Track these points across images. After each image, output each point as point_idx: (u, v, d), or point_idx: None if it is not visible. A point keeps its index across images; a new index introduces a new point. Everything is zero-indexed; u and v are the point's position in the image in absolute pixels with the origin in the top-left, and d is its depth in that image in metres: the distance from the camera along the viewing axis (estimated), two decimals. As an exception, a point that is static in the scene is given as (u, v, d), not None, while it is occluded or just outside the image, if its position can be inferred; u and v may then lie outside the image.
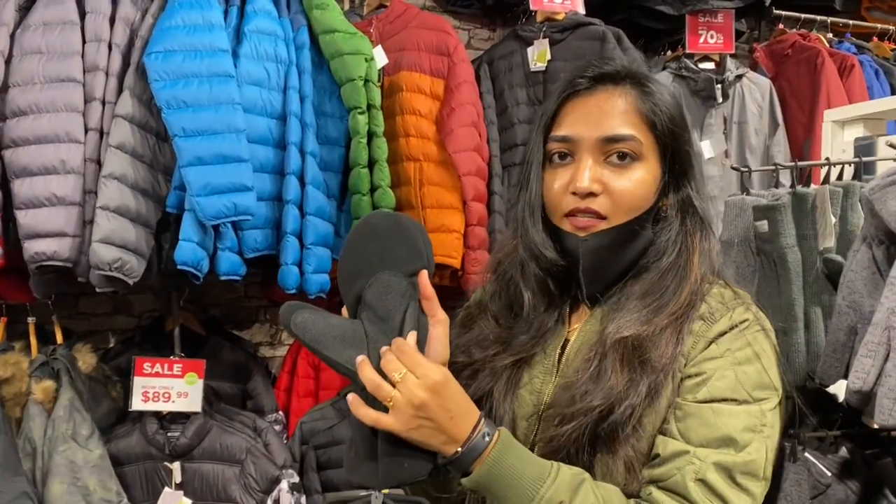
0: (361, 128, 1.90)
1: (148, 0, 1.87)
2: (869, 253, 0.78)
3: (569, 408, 0.82)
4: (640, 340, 0.82)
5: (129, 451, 2.02)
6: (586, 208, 0.85)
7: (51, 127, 1.70)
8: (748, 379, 0.81)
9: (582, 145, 0.87)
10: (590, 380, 0.82)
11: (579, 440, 0.81)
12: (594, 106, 0.88)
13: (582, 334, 0.90)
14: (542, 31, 2.29)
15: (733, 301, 0.86)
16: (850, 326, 0.83)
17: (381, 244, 0.83)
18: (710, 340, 0.83)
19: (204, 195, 1.68)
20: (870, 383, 0.71)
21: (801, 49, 2.62)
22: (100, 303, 2.47)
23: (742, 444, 0.78)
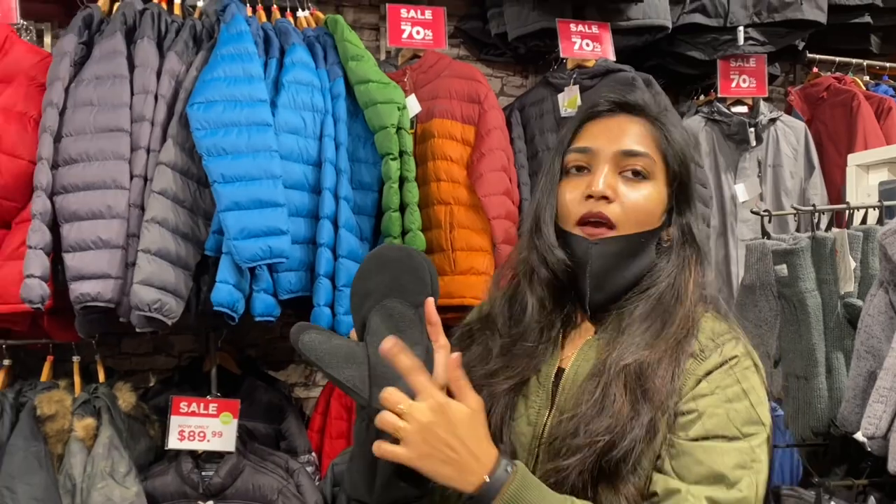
0: (394, 173, 1.95)
1: (192, 54, 1.97)
2: (886, 297, 0.78)
3: (574, 439, 0.83)
4: (642, 368, 0.84)
5: (164, 490, 2.05)
6: (599, 213, 0.89)
7: (99, 174, 1.78)
8: (738, 416, 0.83)
9: (600, 156, 0.92)
10: (594, 409, 0.84)
11: (584, 473, 0.82)
12: (614, 125, 0.94)
13: (577, 364, 0.92)
14: (573, 77, 2.34)
15: (724, 336, 0.89)
16: (870, 372, 0.81)
17: (390, 274, 0.87)
18: (700, 378, 0.85)
19: (241, 239, 1.73)
20: (882, 429, 0.70)
21: (837, 92, 2.61)
22: (141, 343, 2.55)
23: (733, 481, 0.81)
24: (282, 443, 2.37)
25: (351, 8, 2.71)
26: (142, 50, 1.89)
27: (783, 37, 2.60)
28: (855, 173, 1.17)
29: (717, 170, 2.51)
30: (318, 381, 2.72)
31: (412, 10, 2.26)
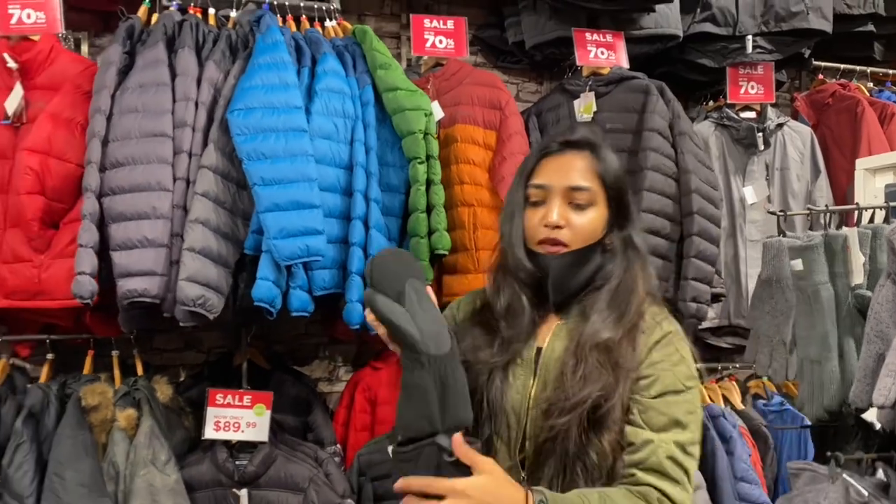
0: (421, 176, 2.05)
1: (229, 63, 2.07)
2: (893, 288, 0.88)
3: (566, 402, 1.08)
4: (611, 345, 1.11)
5: (200, 478, 2.14)
6: (554, 238, 1.17)
7: (144, 177, 1.88)
8: (682, 374, 1.12)
9: (553, 191, 1.19)
10: (579, 379, 1.09)
11: (575, 428, 1.07)
12: (564, 162, 1.21)
13: (552, 344, 1.19)
14: (588, 84, 2.43)
15: (659, 315, 1.18)
16: (879, 354, 0.91)
17: (399, 263, 1.14)
18: (650, 349, 1.13)
19: (280, 238, 1.83)
20: (891, 399, 0.80)
21: (842, 98, 2.71)
22: (172, 339, 2.64)
23: (686, 424, 1.09)
24: (309, 434, 2.46)
25: (373, 17, 2.82)
26: (183, 59, 1.99)
27: (790, 45, 2.69)
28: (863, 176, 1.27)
29: (726, 173, 2.61)
30: (342, 376, 2.82)
31: (435, 21, 2.36)
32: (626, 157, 2.34)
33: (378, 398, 2.52)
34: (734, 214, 2.57)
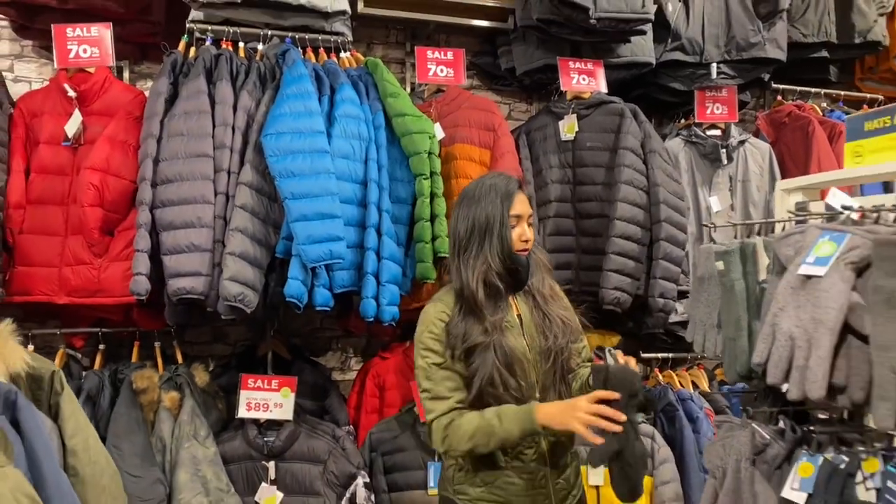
0: (426, 190, 2.37)
1: (260, 92, 2.39)
2: (777, 280, 1.20)
3: (556, 345, 1.70)
4: (567, 306, 1.79)
5: (233, 452, 2.44)
6: (525, 247, 1.73)
7: (190, 192, 2.20)
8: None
9: (522, 218, 1.74)
10: (557, 327, 1.71)
11: (566, 353, 1.70)
12: (522, 198, 1.76)
13: (523, 311, 1.76)
14: (572, 107, 2.77)
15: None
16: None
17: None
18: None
19: (308, 244, 2.15)
20: (764, 357, 1.12)
21: (796, 118, 3.04)
22: (203, 333, 2.96)
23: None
24: (325, 416, 2.77)
25: (380, 45, 3.14)
26: (221, 90, 2.32)
27: (750, 71, 3.03)
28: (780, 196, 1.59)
29: (694, 185, 2.94)
30: (353, 365, 3.14)
31: (437, 52, 2.69)
32: (604, 172, 2.68)
33: (386, 384, 2.84)
34: (701, 221, 2.90)
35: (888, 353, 0.96)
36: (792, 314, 1.07)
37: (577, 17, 2.64)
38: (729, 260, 1.34)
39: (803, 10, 3.08)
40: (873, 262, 0.99)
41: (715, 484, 1.37)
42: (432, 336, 1.71)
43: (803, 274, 1.08)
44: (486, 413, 1.62)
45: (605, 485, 2.66)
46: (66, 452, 1.37)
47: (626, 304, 2.57)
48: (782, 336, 1.07)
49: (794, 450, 1.28)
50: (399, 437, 2.62)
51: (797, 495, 1.17)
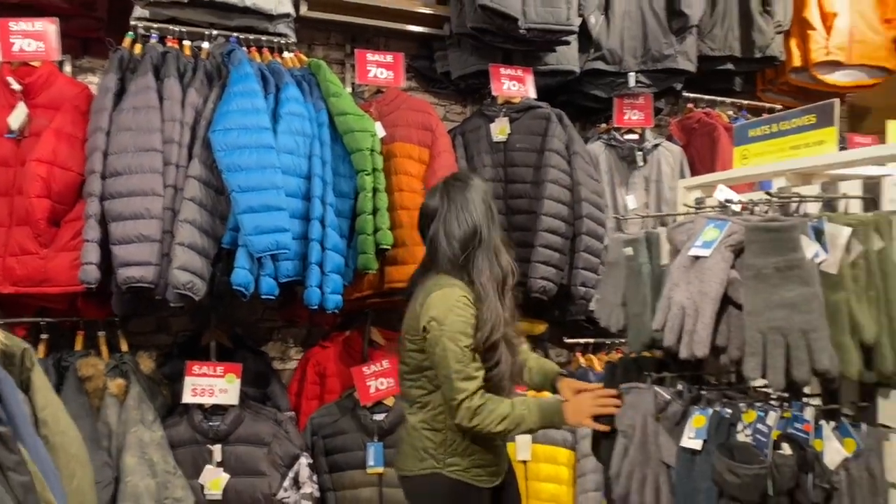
0: (368, 185, 2.52)
1: (207, 89, 2.48)
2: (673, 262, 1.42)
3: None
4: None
5: (178, 437, 2.52)
6: None
7: (139, 184, 2.28)
8: None
9: None
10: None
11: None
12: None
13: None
14: (503, 111, 2.97)
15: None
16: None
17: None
18: None
19: (255, 234, 2.26)
20: (661, 325, 1.33)
21: (704, 124, 3.34)
22: (145, 323, 3.01)
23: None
24: (267, 403, 2.87)
25: (321, 46, 3.26)
26: (169, 86, 2.40)
27: (664, 81, 3.30)
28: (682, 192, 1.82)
29: (612, 184, 3.19)
30: (293, 355, 3.24)
31: (377, 55, 2.83)
32: (533, 171, 2.90)
33: (327, 371, 2.97)
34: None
35: (756, 318, 1.18)
36: (683, 288, 1.28)
37: (508, 27, 2.84)
38: (636, 247, 1.56)
39: (711, 26, 3.37)
40: (746, 245, 1.21)
41: (626, 442, 1.58)
42: (464, 320, 1.80)
43: (692, 255, 1.29)
44: (517, 403, 1.81)
45: (532, 460, 2.88)
46: (37, 423, 1.46)
47: (551, 292, 2.79)
48: (675, 306, 1.28)
49: (690, 407, 1.50)
50: (339, 421, 2.76)
51: (693, 442, 1.38)
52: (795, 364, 1.14)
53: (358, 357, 2.97)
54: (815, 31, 3.48)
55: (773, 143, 1.56)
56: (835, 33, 3.48)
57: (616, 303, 1.63)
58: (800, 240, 1.16)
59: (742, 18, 3.41)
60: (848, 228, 1.18)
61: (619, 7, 3.18)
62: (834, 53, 3.49)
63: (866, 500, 1.20)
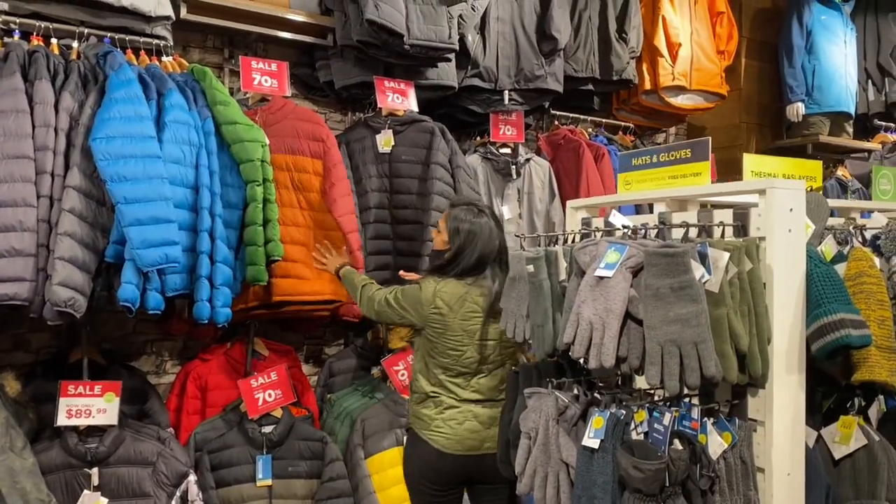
0: (258, 196, 2.49)
1: (83, 94, 2.34)
2: (577, 280, 1.58)
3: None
4: None
5: (49, 463, 2.36)
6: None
7: (9, 194, 2.12)
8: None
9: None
10: None
11: None
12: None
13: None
14: (388, 123, 3.05)
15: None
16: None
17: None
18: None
19: (143, 248, 2.17)
20: (571, 339, 1.49)
21: (569, 140, 3.60)
22: (1, 341, 2.78)
23: None
24: (145, 420, 2.75)
25: (197, 49, 3.16)
26: (40, 89, 2.24)
27: (535, 99, 3.53)
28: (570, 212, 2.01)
29: (490, 195, 3.37)
30: (168, 369, 3.12)
31: (261, 63, 2.81)
32: (418, 183, 3.00)
33: (209, 385, 2.90)
34: (495, 227, 3.35)
35: (655, 332, 1.35)
36: (591, 305, 1.44)
37: (393, 42, 2.92)
38: (538, 264, 1.70)
39: (575, 49, 3.65)
40: (645, 267, 1.38)
41: (529, 443, 1.72)
42: None
43: (597, 275, 1.45)
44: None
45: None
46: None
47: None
48: (584, 322, 1.43)
49: (587, 410, 1.67)
50: (225, 436, 2.71)
51: (593, 441, 1.54)
52: (688, 371, 1.33)
53: (241, 369, 2.93)
54: (662, 58, 3.86)
55: (654, 172, 1.77)
56: (679, 61, 3.89)
57: (520, 314, 1.76)
58: (690, 263, 1.35)
59: (601, 43, 3.71)
60: (726, 253, 1.39)
61: (495, 28, 3.36)
62: (678, 79, 3.89)
63: (741, 483, 1.41)
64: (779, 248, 1.46)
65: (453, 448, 2.31)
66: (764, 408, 1.48)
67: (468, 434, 2.31)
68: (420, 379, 2.39)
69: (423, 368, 2.39)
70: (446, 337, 2.31)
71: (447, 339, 2.31)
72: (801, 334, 1.49)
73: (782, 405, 1.46)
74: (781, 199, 1.46)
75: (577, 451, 1.59)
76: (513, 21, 3.40)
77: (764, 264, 1.47)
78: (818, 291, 1.47)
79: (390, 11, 2.86)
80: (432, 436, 2.33)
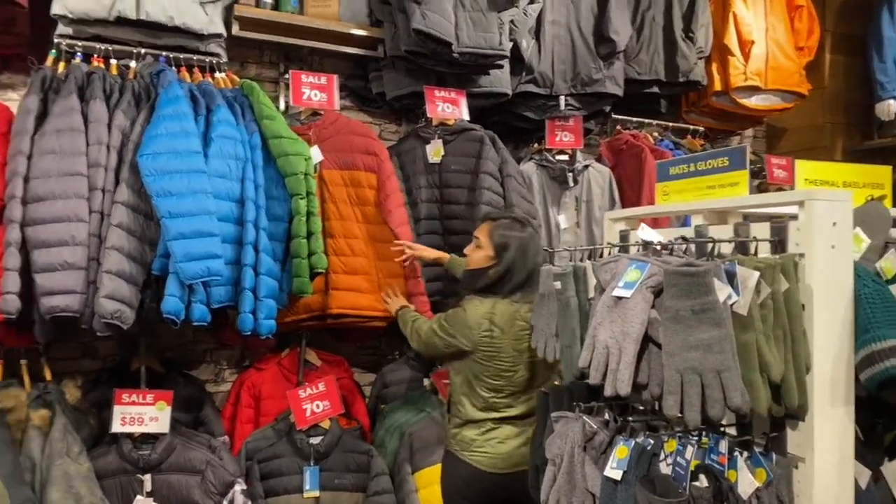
0: (302, 209, 2.51)
1: (135, 111, 2.43)
2: (600, 298, 1.48)
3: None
4: None
5: (106, 468, 2.45)
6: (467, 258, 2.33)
7: (63, 210, 2.21)
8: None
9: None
10: None
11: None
12: (480, 227, 2.33)
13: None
14: (437, 132, 3.01)
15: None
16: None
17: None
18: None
19: (185, 261, 2.22)
20: (586, 363, 1.39)
21: (632, 146, 3.46)
22: (70, 349, 2.91)
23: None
24: (200, 428, 2.83)
25: (254, 64, 3.23)
26: (94, 108, 2.34)
27: (593, 104, 3.41)
28: (608, 224, 1.90)
29: (545, 204, 3.27)
30: (226, 377, 3.20)
31: (311, 76, 2.83)
32: (467, 193, 2.95)
33: (262, 394, 2.94)
34: (551, 236, 3.24)
35: (674, 358, 1.24)
36: (607, 328, 1.34)
37: (442, 51, 2.88)
38: (565, 280, 1.61)
39: (637, 51, 3.50)
40: (664, 288, 1.28)
41: (554, 470, 1.63)
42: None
43: (615, 295, 1.36)
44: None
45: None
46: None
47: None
48: (600, 345, 1.34)
49: (615, 437, 1.56)
50: (275, 445, 2.74)
51: (615, 472, 1.44)
52: (710, 402, 1.21)
53: (294, 379, 2.96)
54: (734, 57, 3.65)
55: (691, 182, 1.65)
56: (752, 60, 3.66)
57: (550, 333, 1.68)
58: (713, 284, 1.24)
59: (667, 44, 3.55)
60: (756, 272, 1.26)
61: (550, 32, 3.27)
62: (751, 79, 3.67)
63: (776, 526, 1.28)
64: (820, 267, 1.32)
65: (496, 467, 2.24)
66: (805, 442, 1.33)
67: (512, 451, 2.23)
68: (465, 404, 2.31)
69: (469, 392, 2.31)
70: (499, 359, 2.24)
71: (500, 361, 2.24)
72: (848, 361, 1.34)
73: (826, 439, 1.32)
74: (823, 211, 1.32)
75: (601, 482, 1.49)
76: (569, 24, 3.30)
77: (803, 284, 1.33)
78: (867, 315, 1.31)
79: (438, 20, 2.82)
80: (474, 457, 2.26)
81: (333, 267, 2.70)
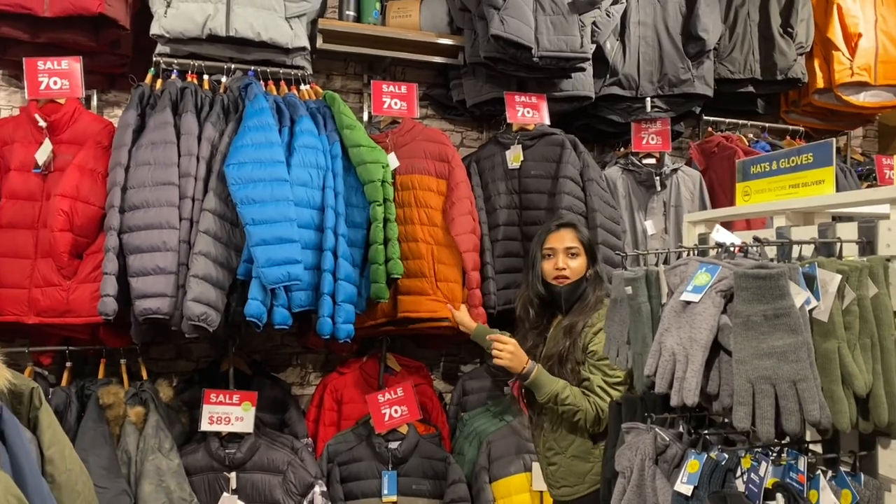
0: (379, 216, 2.55)
1: (223, 123, 2.54)
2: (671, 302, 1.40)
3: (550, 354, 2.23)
4: (572, 326, 2.21)
5: (195, 464, 2.58)
6: (560, 275, 2.24)
7: (156, 218, 2.35)
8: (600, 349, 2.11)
9: (557, 250, 2.26)
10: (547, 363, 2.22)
11: (555, 365, 2.20)
12: (559, 236, 2.28)
13: (553, 333, 2.29)
14: (517, 138, 2.98)
15: (597, 317, 2.18)
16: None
17: None
18: (594, 334, 2.16)
19: (267, 267, 2.30)
20: (652, 371, 1.32)
21: (724, 148, 3.29)
22: (166, 350, 3.08)
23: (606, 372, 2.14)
24: (284, 429, 2.91)
25: (339, 76, 3.32)
26: (186, 121, 2.47)
27: (681, 105, 3.27)
28: (687, 227, 1.80)
29: (631, 209, 3.17)
30: (311, 380, 3.28)
31: (391, 86, 2.88)
32: (547, 198, 2.90)
33: (344, 398, 3.00)
34: (637, 243, 3.13)
35: (745, 366, 1.16)
36: (674, 334, 1.27)
37: (521, 56, 2.86)
38: (636, 285, 1.54)
39: (730, 49, 3.34)
40: (735, 292, 1.20)
41: (624, 483, 1.56)
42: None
43: (683, 300, 1.28)
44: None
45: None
46: (43, 461, 1.50)
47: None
48: (666, 352, 1.27)
49: (688, 450, 1.48)
50: (355, 449, 2.78)
51: (685, 488, 1.36)
52: (785, 414, 1.12)
53: (374, 383, 2.99)
54: (839, 51, 3.42)
55: (773, 181, 1.54)
56: (859, 54, 3.42)
57: (622, 340, 1.61)
58: (787, 287, 1.15)
59: (763, 41, 3.37)
60: (838, 275, 1.16)
61: (635, 32, 3.17)
62: (858, 74, 3.42)
63: (863, 554, 1.17)
64: (914, 270, 1.20)
65: None
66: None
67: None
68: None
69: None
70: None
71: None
72: (949, 375, 1.20)
73: (923, 461, 1.19)
74: (918, 209, 1.20)
75: (672, 497, 1.41)
76: (655, 24, 3.19)
77: (894, 289, 1.21)
78: (968, 323, 1.18)
79: (517, 25, 2.80)
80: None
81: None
